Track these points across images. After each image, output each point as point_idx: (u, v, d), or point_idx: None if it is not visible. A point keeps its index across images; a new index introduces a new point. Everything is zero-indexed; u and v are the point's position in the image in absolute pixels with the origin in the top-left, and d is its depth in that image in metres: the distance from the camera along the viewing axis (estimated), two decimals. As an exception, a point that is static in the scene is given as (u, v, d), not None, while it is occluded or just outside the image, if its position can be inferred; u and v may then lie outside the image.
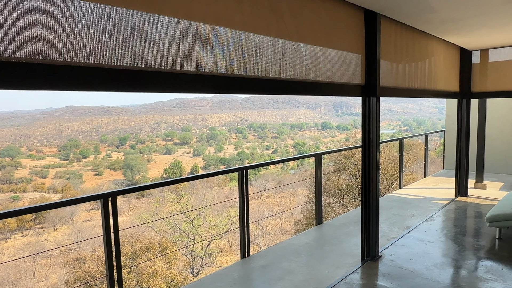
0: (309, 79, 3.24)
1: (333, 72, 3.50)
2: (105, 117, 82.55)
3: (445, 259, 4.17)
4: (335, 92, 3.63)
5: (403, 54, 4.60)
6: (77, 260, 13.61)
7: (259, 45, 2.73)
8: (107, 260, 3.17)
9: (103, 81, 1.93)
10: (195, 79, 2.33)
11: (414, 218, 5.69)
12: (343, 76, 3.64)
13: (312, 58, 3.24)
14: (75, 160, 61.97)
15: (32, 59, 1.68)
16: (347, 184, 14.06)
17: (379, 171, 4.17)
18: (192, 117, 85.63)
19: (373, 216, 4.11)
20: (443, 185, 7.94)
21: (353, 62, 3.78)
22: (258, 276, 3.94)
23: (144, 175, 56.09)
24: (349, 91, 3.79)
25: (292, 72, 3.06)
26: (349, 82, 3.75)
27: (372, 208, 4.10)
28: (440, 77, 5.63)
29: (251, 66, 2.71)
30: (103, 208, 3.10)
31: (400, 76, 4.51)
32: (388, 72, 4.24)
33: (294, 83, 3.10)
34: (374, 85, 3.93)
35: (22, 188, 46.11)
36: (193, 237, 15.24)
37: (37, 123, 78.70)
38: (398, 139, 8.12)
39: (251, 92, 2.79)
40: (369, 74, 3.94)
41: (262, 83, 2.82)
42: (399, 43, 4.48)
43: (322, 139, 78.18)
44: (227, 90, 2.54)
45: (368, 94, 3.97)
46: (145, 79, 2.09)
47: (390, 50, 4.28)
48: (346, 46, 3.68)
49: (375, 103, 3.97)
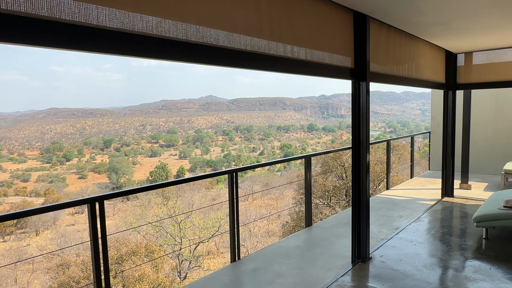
0: (299, 57, 3.18)
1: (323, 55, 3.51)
2: (89, 119, 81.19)
3: (434, 260, 4.20)
4: (325, 74, 3.59)
5: (391, 55, 4.64)
6: (61, 266, 13.30)
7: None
8: (94, 266, 3.07)
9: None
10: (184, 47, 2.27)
11: (403, 219, 5.74)
12: (333, 58, 3.64)
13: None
14: (58, 163, 60.73)
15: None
16: (334, 185, 14.15)
17: (369, 172, 4.19)
18: (178, 119, 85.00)
19: (363, 218, 4.11)
20: (430, 186, 8.04)
21: (341, 41, 3.79)
22: (249, 280, 3.90)
23: (129, 178, 55.34)
24: (338, 73, 3.76)
25: (283, 49, 3.01)
26: (339, 64, 3.74)
27: (362, 210, 4.11)
28: (427, 69, 5.73)
29: (242, 38, 2.64)
30: (90, 213, 3.01)
31: (389, 63, 4.57)
32: (377, 59, 4.28)
33: (284, 60, 3.03)
34: (364, 69, 3.93)
35: (3, 192, 44.87)
36: (180, 240, 15.07)
37: (18, 125, 76.82)
38: (385, 141, 8.20)
39: (236, 66, 2.68)
40: (358, 58, 3.94)
41: (250, 56, 2.72)
42: (387, 45, 4.52)
43: (308, 140, 78.64)
44: (212, 62, 2.46)
45: (358, 78, 3.97)
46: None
47: (379, 51, 4.31)
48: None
49: (365, 89, 3.96)
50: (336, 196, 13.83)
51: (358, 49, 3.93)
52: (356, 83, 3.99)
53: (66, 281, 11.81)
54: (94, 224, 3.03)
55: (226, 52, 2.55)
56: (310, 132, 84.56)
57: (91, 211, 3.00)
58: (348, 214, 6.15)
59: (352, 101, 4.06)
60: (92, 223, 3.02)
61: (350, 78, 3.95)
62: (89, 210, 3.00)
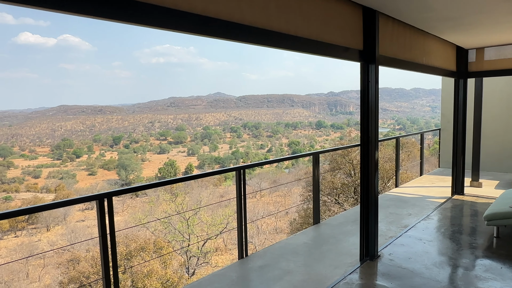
0: (303, 35, 3.15)
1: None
2: (99, 116, 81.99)
3: (444, 258, 4.16)
4: (334, 54, 3.55)
5: (401, 45, 4.58)
6: (71, 261, 13.48)
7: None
8: (103, 261, 3.10)
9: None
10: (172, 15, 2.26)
11: (412, 217, 5.68)
12: (342, 39, 3.61)
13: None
14: (68, 159, 61.50)
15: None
16: (343, 182, 14.08)
17: (378, 169, 4.15)
18: (187, 116, 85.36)
19: (372, 215, 4.08)
20: (439, 184, 7.95)
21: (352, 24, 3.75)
22: (257, 277, 3.90)
23: (138, 174, 55.80)
24: (347, 53, 3.71)
25: (294, 29, 3.01)
26: (348, 45, 3.69)
27: (371, 207, 4.08)
28: (438, 58, 5.65)
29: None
30: (98, 209, 3.03)
31: (399, 52, 4.51)
32: (386, 48, 4.22)
33: (287, 37, 3.00)
34: (373, 51, 3.86)
35: (15, 188, 45.61)
36: (189, 236, 15.16)
37: (29, 122, 77.91)
38: (394, 138, 8.12)
39: (237, 40, 2.67)
40: (367, 42, 3.88)
41: (253, 32, 2.72)
42: (397, 37, 4.46)
43: (317, 138, 78.39)
44: (212, 34, 2.47)
45: (367, 61, 3.91)
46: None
47: (388, 42, 4.25)
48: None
49: (374, 73, 3.89)
50: (345, 194, 13.76)
51: (367, 34, 3.88)
52: (365, 66, 3.93)
53: (76, 276, 11.96)
54: (102, 220, 3.05)
55: (259, 32, 2.75)
56: (318, 129, 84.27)
57: (99, 207, 3.03)
58: (356, 211, 6.12)
59: (361, 88, 3.98)
60: (101, 219, 3.04)
61: (359, 60, 3.89)
62: (98, 206, 3.02)
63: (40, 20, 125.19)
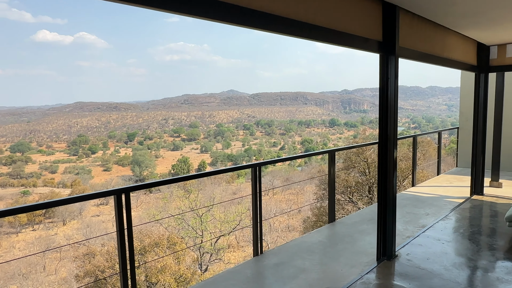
0: (322, 24, 3.09)
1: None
2: (114, 113, 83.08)
3: (463, 259, 4.06)
4: (353, 44, 3.49)
5: (421, 39, 4.49)
6: (87, 255, 13.70)
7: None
8: (120, 256, 3.12)
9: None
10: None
11: (429, 217, 5.58)
12: (362, 30, 3.54)
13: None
14: (84, 155, 62.54)
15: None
16: (357, 181, 13.94)
17: (397, 168, 4.07)
18: (200, 114, 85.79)
19: (389, 214, 4.01)
20: (457, 183, 7.79)
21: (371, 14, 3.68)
22: (272, 274, 3.88)
23: (152, 171, 56.38)
24: (366, 44, 3.63)
25: (312, 17, 2.97)
26: (366, 35, 3.61)
27: (389, 206, 4.01)
28: (458, 52, 5.51)
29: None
30: (116, 204, 3.06)
31: (419, 41, 4.43)
32: (407, 34, 4.13)
33: (305, 25, 2.95)
34: (393, 43, 3.78)
35: (32, 183, 46.66)
36: (202, 233, 15.24)
37: (46, 118, 79.50)
38: (411, 136, 7.98)
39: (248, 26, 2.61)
40: (387, 31, 3.81)
41: (271, 19, 2.67)
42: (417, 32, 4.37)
43: (330, 136, 77.83)
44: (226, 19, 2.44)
45: (387, 52, 3.83)
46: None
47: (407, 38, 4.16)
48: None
49: (394, 65, 3.81)
50: (359, 192, 13.62)
51: (387, 26, 3.81)
52: (385, 57, 3.85)
53: (92, 270, 12.16)
54: (120, 215, 3.07)
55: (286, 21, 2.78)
56: (332, 127, 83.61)
57: (117, 202, 3.05)
58: (372, 210, 6.04)
59: (380, 82, 3.90)
60: (119, 214, 3.07)
61: (378, 51, 3.81)
62: (116, 201, 3.05)
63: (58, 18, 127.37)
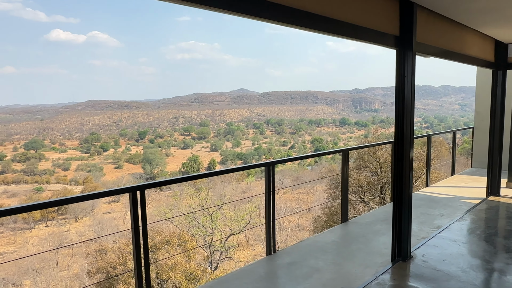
0: (339, 18, 3.05)
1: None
2: (125, 111, 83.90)
3: (480, 262, 3.98)
4: (369, 38, 3.43)
5: (438, 35, 4.42)
6: (99, 251, 13.85)
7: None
8: (135, 253, 3.13)
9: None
10: None
11: (444, 218, 5.49)
12: (378, 24, 3.49)
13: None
14: (95, 153, 63.31)
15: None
16: (368, 181, 13.81)
17: (412, 168, 4.01)
18: (210, 112, 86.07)
19: (405, 215, 3.95)
20: (473, 184, 7.65)
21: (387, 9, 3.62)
22: (285, 274, 3.85)
23: (162, 169, 56.78)
24: (383, 38, 3.58)
25: (329, 9, 2.94)
26: (383, 30, 3.56)
27: (404, 206, 3.95)
28: (475, 49, 5.41)
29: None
30: (131, 201, 3.07)
31: (436, 37, 4.36)
32: (424, 30, 4.06)
33: (321, 18, 2.91)
34: (410, 37, 3.72)
35: (45, 179, 47.42)
36: (212, 231, 15.28)
37: (59, 116, 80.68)
38: (426, 136, 7.87)
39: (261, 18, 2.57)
40: (404, 26, 3.75)
41: (287, 11, 2.63)
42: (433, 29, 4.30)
43: (340, 135, 77.37)
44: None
45: (403, 47, 3.76)
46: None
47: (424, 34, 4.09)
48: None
49: (411, 60, 3.73)
50: (370, 192, 13.49)
51: (404, 21, 3.75)
52: (401, 53, 3.78)
53: (104, 266, 12.29)
54: (135, 212, 3.08)
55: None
56: (342, 126, 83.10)
57: (132, 200, 3.05)
58: (385, 211, 5.97)
59: (396, 79, 3.83)
60: (134, 211, 3.07)
61: (395, 46, 3.74)
62: (131, 198, 3.05)
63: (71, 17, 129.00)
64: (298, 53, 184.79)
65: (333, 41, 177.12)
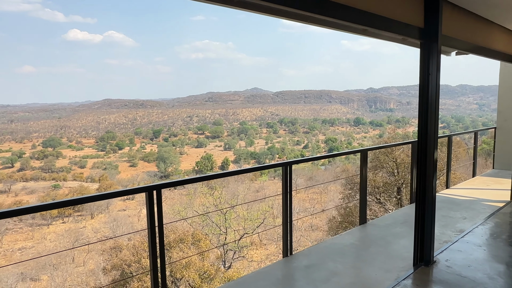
0: (362, 8, 2.95)
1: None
2: (140, 110, 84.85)
3: (508, 268, 3.81)
4: (393, 29, 3.31)
5: (463, 32, 4.27)
6: (114, 249, 13.98)
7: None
8: (151, 251, 3.09)
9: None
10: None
11: (467, 221, 5.30)
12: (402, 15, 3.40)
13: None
14: (111, 151, 64.17)
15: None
16: (385, 181, 13.56)
17: (436, 169, 3.86)
18: (224, 111, 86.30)
19: (428, 218, 3.81)
20: (495, 186, 7.39)
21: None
22: (302, 277, 3.76)
23: (176, 167, 57.17)
24: (406, 30, 3.45)
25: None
26: (407, 21, 3.43)
27: (428, 209, 3.80)
28: (501, 43, 5.23)
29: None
30: (148, 201, 3.02)
31: (461, 30, 4.22)
32: (449, 23, 3.91)
33: (342, 7, 2.82)
34: (436, 29, 3.57)
35: (63, 177, 48.27)
36: (226, 230, 15.27)
37: (76, 115, 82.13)
38: (446, 136, 7.64)
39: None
40: (429, 18, 3.61)
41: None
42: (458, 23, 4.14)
43: (355, 135, 76.54)
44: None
45: (428, 39, 3.61)
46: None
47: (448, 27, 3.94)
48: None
49: (436, 54, 3.58)
50: (387, 193, 13.25)
51: (429, 12, 3.61)
52: (426, 45, 3.62)
53: (119, 263, 12.39)
54: (151, 211, 3.03)
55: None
56: (357, 126, 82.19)
57: (149, 199, 3.01)
58: (404, 213, 5.81)
59: (420, 77, 3.68)
60: (150, 210, 3.03)
61: (419, 38, 3.58)
62: (147, 198, 3.01)
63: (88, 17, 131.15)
64: (312, 52, 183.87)
65: (347, 39, 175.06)
